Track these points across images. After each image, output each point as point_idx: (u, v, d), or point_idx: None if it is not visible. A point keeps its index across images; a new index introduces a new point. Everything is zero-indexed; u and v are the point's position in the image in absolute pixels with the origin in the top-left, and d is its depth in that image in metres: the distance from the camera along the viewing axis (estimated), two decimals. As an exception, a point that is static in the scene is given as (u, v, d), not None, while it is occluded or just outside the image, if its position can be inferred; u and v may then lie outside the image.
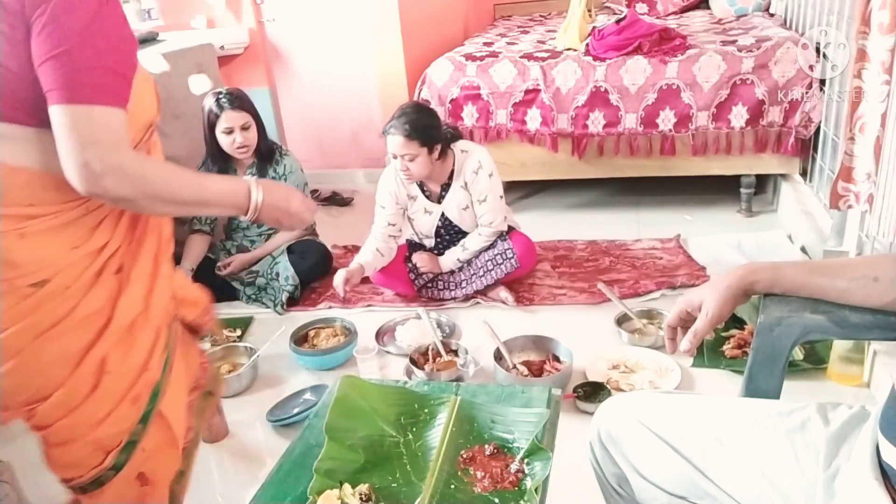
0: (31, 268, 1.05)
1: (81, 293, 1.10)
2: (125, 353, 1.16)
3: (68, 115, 0.97)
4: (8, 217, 1.03)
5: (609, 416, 1.05)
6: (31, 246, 1.05)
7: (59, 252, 1.08)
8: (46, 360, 1.09)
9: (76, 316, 1.10)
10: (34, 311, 1.06)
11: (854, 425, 0.91)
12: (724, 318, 1.02)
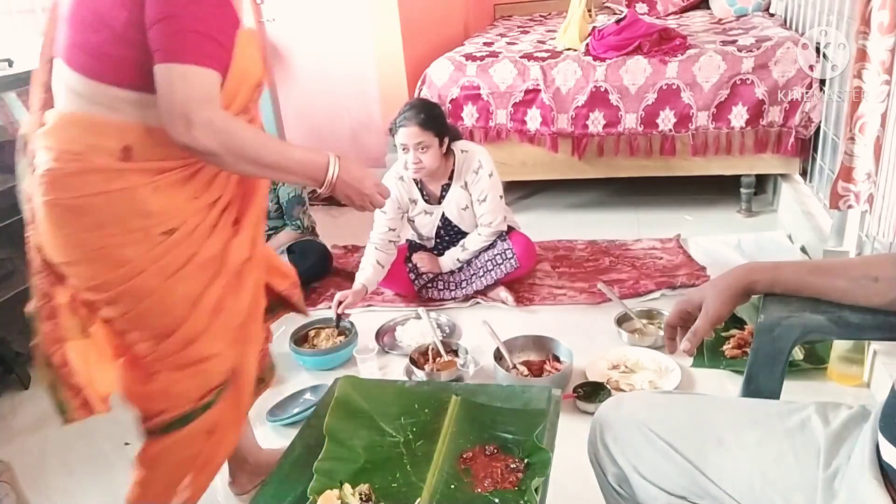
0: (163, 217, 1.22)
1: (202, 240, 1.26)
2: (235, 296, 1.33)
3: (168, 73, 1.09)
4: (144, 171, 1.19)
5: (609, 416, 1.05)
6: (162, 198, 1.21)
7: (185, 203, 1.24)
8: (173, 299, 1.25)
9: (197, 260, 1.26)
10: (164, 256, 1.22)
11: (854, 425, 0.91)
12: (724, 318, 1.02)
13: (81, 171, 1.17)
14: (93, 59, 1.17)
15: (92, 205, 1.18)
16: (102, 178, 1.17)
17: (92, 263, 1.22)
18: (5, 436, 2.10)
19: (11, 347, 2.28)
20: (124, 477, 1.84)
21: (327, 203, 3.87)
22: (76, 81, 1.19)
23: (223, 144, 1.13)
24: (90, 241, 1.20)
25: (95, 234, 1.19)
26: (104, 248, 1.20)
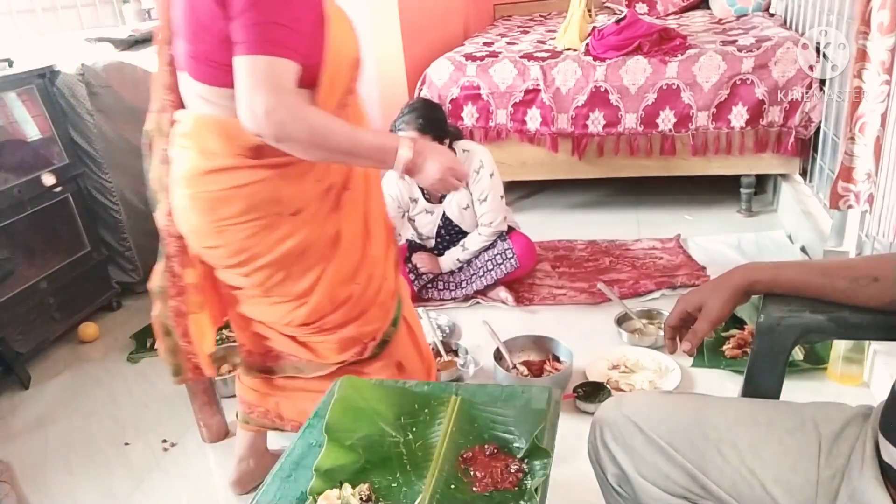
0: (292, 201, 1.34)
1: (324, 217, 1.39)
2: (368, 264, 1.47)
3: (244, 64, 1.15)
4: (274, 165, 1.30)
5: (609, 416, 1.05)
6: (291, 185, 1.33)
7: (309, 187, 1.36)
8: (301, 269, 1.41)
9: (324, 236, 1.39)
10: (293, 234, 1.35)
11: (854, 425, 0.91)
12: (724, 319, 1.02)
13: (221, 168, 1.31)
14: (207, 67, 1.26)
15: (232, 196, 1.31)
16: (239, 174, 1.30)
17: (231, 245, 1.36)
18: (5, 436, 2.10)
19: (11, 347, 2.28)
20: (124, 477, 1.86)
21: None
22: (200, 89, 1.30)
23: (292, 133, 1.17)
24: (231, 227, 1.34)
25: (236, 221, 1.33)
26: (243, 231, 1.34)
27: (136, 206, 2.84)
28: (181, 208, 1.39)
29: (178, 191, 1.37)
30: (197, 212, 1.35)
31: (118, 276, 2.87)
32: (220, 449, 1.94)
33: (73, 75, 2.57)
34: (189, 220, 1.39)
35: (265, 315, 1.51)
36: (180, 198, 1.37)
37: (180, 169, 1.36)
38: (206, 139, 1.31)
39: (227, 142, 1.29)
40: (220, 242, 1.37)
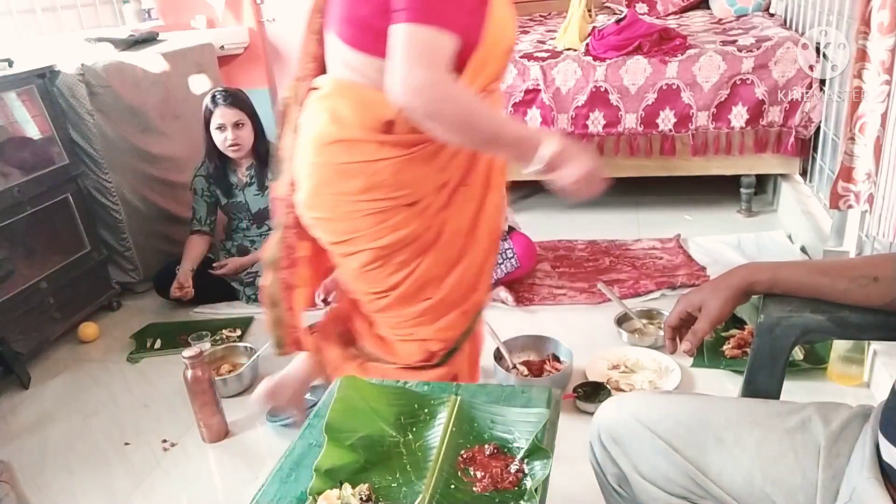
0: (410, 189, 1.30)
1: (434, 213, 1.35)
2: (463, 266, 1.42)
3: (404, 32, 1.10)
4: (401, 144, 1.26)
5: (609, 416, 1.05)
6: (413, 171, 1.29)
7: (428, 178, 1.32)
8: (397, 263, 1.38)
9: (429, 232, 1.36)
10: (403, 226, 1.32)
11: (854, 425, 0.91)
12: (724, 319, 1.02)
13: (349, 139, 1.27)
14: (361, 31, 1.21)
15: (355, 171, 1.28)
16: (365, 148, 1.27)
17: (341, 222, 1.34)
18: (5, 436, 2.10)
19: (11, 347, 2.28)
20: (124, 477, 1.86)
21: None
22: (348, 54, 1.25)
23: (442, 111, 1.12)
24: (347, 202, 1.31)
25: (354, 198, 1.30)
26: (356, 211, 1.31)
27: (136, 206, 2.85)
28: (302, 175, 1.36)
29: (303, 157, 1.35)
30: (317, 181, 1.33)
31: (118, 276, 2.87)
32: (220, 449, 1.94)
33: (73, 75, 2.57)
34: (308, 188, 1.35)
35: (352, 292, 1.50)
36: (304, 164, 1.35)
37: (309, 134, 1.33)
38: (341, 105, 1.28)
39: (360, 111, 1.26)
40: (331, 216, 1.35)
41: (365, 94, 1.25)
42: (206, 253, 2.81)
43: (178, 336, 2.50)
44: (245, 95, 2.70)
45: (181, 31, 3.71)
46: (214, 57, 3.36)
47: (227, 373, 2.19)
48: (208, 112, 2.61)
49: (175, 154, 2.99)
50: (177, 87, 2.98)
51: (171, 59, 2.98)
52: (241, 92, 2.72)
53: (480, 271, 1.47)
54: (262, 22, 3.99)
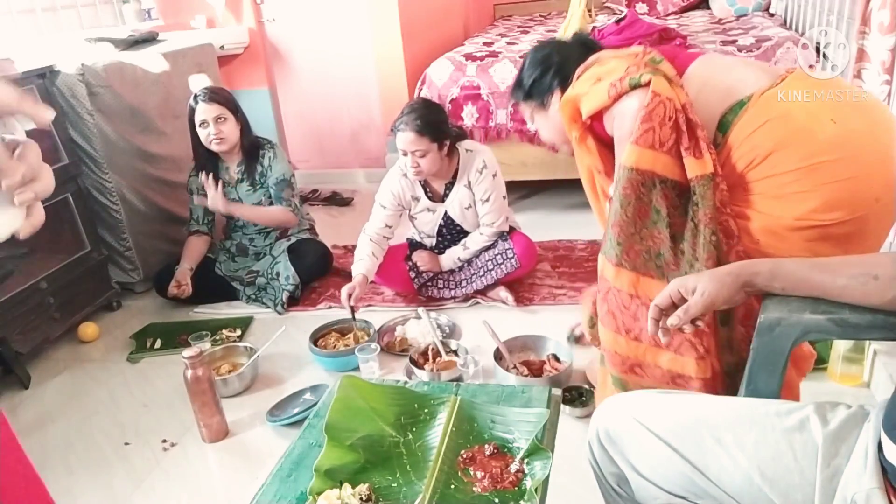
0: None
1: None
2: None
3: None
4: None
5: (608, 415, 1.05)
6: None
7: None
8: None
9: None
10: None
11: (853, 425, 0.91)
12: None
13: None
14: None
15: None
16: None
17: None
18: (5, 436, 2.10)
19: (11, 347, 2.28)
20: (124, 477, 1.86)
21: (327, 203, 3.88)
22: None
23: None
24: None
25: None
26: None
27: (136, 206, 2.84)
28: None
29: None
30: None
31: (118, 276, 2.87)
32: (220, 449, 1.94)
33: (73, 75, 2.57)
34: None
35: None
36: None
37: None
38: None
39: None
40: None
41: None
42: (205, 253, 2.81)
43: (178, 336, 2.50)
44: (227, 93, 2.70)
45: (181, 31, 3.71)
46: (214, 57, 3.36)
47: (227, 373, 2.19)
48: (191, 111, 2.62)
49: (175, 154, 2.99)
50: (177, 87, 2.98)
51: (171, 59, 2.98)
52: (224, 90, 2.72)
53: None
54: (262, 22, 3.99)
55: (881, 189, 1.26)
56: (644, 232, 1.35)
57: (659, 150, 1.32)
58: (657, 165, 1.32)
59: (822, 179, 1.27)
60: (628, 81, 1.35)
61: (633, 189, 1.33)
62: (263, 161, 2.73)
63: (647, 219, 1.35)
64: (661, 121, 1.31)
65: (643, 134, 1.32)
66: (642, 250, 1.35)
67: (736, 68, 1.43)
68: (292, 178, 2.80)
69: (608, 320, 1.41)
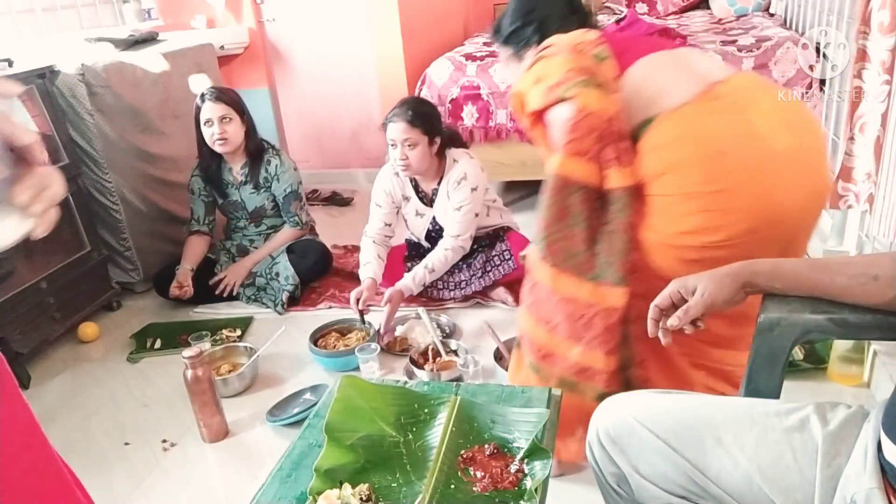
0: None
1: None
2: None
3: None
4: None
5: (608, 415, 1.05)
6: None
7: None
8: None
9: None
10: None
11: (853, 425, 0.91)
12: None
13: None
14: None
15: None
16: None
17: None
18: (5, 436, 2.10)
19: (11, 347, 2.28)
20: (124, 477, 1.86)
21: (327, 203, 3.88)
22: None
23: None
24: None
25: None
26: None
27: (136, 206, 2.84)
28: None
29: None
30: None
31: (118, 276, 2.87)
32: (220, 449, 1.94)
33: (73, 75, 2.57)
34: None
35: None
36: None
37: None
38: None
39: None
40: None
41: None
42: (205, 253, 2.81)
43: (178, 336, 2.50)
44: (235, 94, 2.70)
45: (181, 31, 3.71)
46: (214, 57, 3.36)
47: (227, 373, 2.19)
48: (197, 109, 2.62)
49: (175, 154, 2.99)
50: (177, 87, 2.98)
51: (171, 59, 2.98)
52: (231, 90, 2.73)
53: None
54: (262, 22, 3.99)
55: (760, 223, 1.32)
56: (565, 232, 1.44)
57: (582, 158, 1.40)
58: (579, 173, 1.40)
59: (696, 207, 1.34)
60: (558, 92, 1.42)
61: (557, 192, 1.43)
62: (269, 167, 2.73)
63: (568, 220, 1.44)
64: (584, 132, 1.38)
65: (567, 143, 1.40)
66: (562, 249, 1.44)
67: (666, 74, 1.44)
68: (300, 188, 2.81)
69: (532, 309, 1.52)
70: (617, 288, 1.37)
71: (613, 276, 1.38)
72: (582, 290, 1.41)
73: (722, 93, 1.39)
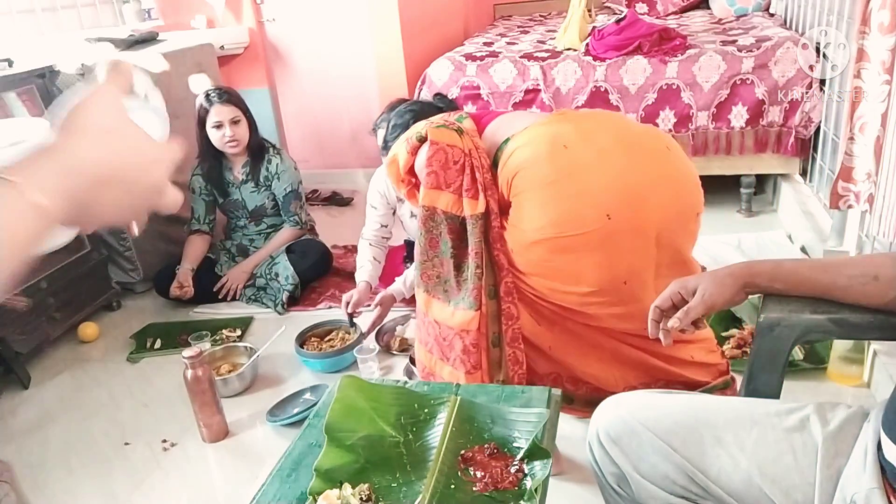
0: None
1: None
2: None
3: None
4: None
5: (608, 415, 1.05)
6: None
7: None
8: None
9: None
10: None
11: (853, 425, 0.91)
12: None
13: None
14: None
15: None
16: None
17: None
18: (5, 436, 2.10)
19: (11, 347, 2.28)
20: (124, 477, 1.86)
21: (327, 203, 3.87)
22: None
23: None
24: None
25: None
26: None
27: (136, 206, 2.84)
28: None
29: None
30: None
31: (118, 276, 2.87)
32: (220, 449, 1.94)
33: (73, 75, 2.57)
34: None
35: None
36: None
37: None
38: None
39: None
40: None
41: None
42: (206, 252, 2.81)
43: (178, 336, 2.50)
44: (238, 93, 2.71)
45: (181, 31, 3.70)
46: (214, 57, 3.36)
47: (227, 373, 2.19)
48: (203, 111, 2.62)
49: (175, 154, 2.98)
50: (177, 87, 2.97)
51: (171, 59, 2.97)
52: (234, 90, 2.73)
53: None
54: (262, 22, 3.99)
55: (613, 206, 1.41)
56: (435, 260, 1.55)
57: (444, 189, 1.51)
58: (441, 202, 1.52)
59: (549, 197, 1.44)
60: (414, 136, 1.58)
61: (424, 223, 1.54)
62: (270, 166, 2.73)
63: (438, 249, 1.55)
64: (442, 164, 1.51)
65: (427, 176, 1.52)
66: (433, 275, 1.55)
67: (516, 119, 1.63)
68: (300, 187, 2.81)
69: (417, 331, 1.66)
70: (469, 311, 1.47)
71: (467, 301, 1.48)
72: (444, 313, 1.52)
73: (567, 114, 1.60)
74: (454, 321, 1.50)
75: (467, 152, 1.51)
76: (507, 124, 1.60)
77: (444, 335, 1.53)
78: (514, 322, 1.50)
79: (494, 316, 1.51)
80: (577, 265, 1.43)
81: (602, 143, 1.48)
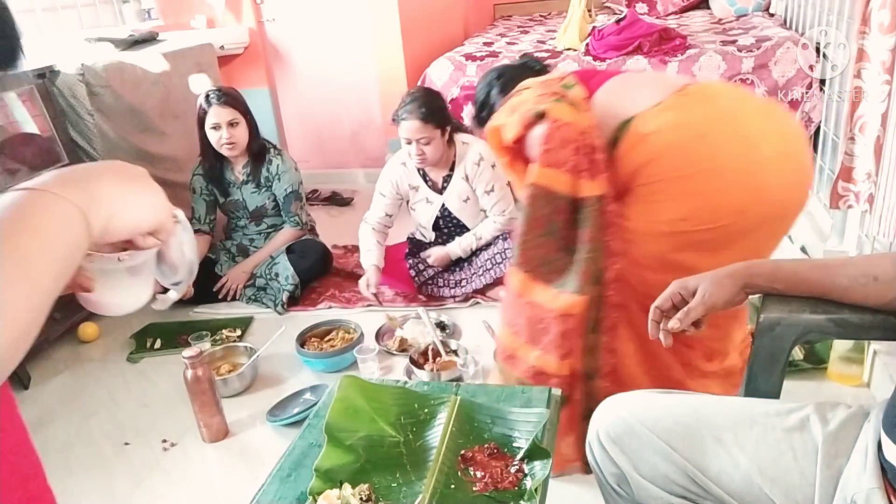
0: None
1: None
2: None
3: None
4: None
5: (608, 416, 1.05)
6: None
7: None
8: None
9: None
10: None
11: (853, 425, 0.91)
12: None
13: None
14: None
15: None
16: None
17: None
18: (5, 436, 2.09)
19: (11, 347, 2.28)
20: (124, 477, 1.86)
21: (327, 203, 3.87)
22: None
23: None
24: None
25: None
26: None
27: (136, 206, 2.84)
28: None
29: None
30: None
31: (118, 276, 2.87)
32: (220, 449, 1.94)
33: (73, 75, 2.57)
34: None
35: None
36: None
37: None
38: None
39: None
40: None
41: None
42: (206, 252, 2.81)
43: (178, 336, 2.50)
44: (239, 94, 2.70)
45: (181, 31, 3.70)
46: (214, 57, 3.36)
47: (227, 373, 2.19)
48: (203, 111, 2.62)
49: (175, 154, 2.99)
50: (177, 87, 2.98)
51: (171, 59, 2.98)
52: (235, 91, 2.72)
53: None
54: (262, 22, 3.99)
55: (747, 201, 1.37)
56: (540, 240, 1.49)
57: (558, 169, 1.44)
58: (555, 183, 1.45)
59: (684, 190, 1.39)
60: (532, 112, 1.48)
61: (533, 202, 1.47)
62: (271, 167, 2.73)
63: (544, 229, 1.48)
64: (560, 143, 1.43)
65: (543, 154, 1.45)
66: (535, 256, 1.49)
67: (633, 88, 1.55)
68: (300, 188, 2.81)
69: (502, 312, 1.61)
70: (574, 296, 1.42)
71: (573, 285, 1.43)
72: (545, 296, 1.46)
73: (692, 90, 1.47)
74: (556, 304, 1.44)
75: (586, 131, 1.44)
76: (626, 95, 1.51)
77: (539, 317, 1.47)
78: (616, 310, 1.45)
79: (595, 302, 1.45)
80: (697, 265, 1.35)
81: (739, 127, 1.41)
